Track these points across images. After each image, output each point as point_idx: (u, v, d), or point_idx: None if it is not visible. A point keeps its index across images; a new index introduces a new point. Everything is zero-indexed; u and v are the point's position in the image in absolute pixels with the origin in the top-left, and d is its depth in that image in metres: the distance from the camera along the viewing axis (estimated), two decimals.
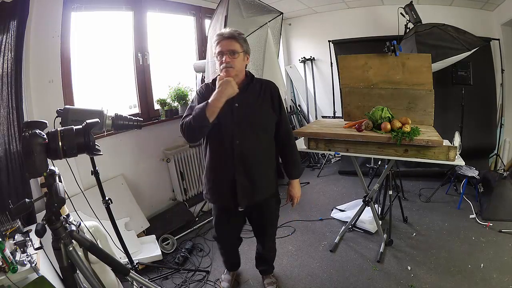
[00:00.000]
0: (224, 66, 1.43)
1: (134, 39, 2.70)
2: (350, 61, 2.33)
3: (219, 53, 1.45)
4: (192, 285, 2.08)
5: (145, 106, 2.82)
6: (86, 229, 1.42)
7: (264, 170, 1.61)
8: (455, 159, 1.75)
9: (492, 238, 2.34)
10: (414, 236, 2.48)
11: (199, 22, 3.33)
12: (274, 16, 2.86)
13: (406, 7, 3.13)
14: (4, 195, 1.73)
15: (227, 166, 1.52)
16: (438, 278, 1.97)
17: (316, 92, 4.53)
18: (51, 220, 1.03)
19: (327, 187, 3.58)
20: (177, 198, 3.03)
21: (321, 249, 2.41)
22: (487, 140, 3.43)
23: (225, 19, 2.30)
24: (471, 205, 2.81)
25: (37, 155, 0.96)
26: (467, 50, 2.82)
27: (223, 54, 1.44)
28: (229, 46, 1.43)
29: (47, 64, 2.05)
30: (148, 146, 2.75)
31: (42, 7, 1.95)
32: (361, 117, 2.16)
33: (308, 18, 4.41)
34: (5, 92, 1.77)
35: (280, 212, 1.93)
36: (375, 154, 1.93)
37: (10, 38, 1.78)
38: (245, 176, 1.53)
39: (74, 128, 1.04)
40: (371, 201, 2.34)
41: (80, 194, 1.59)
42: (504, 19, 3.19)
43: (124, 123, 1.59)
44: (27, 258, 1.29)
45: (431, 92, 2.12)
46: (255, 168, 1.54)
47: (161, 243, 2.44)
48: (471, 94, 3.15)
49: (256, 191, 1.58)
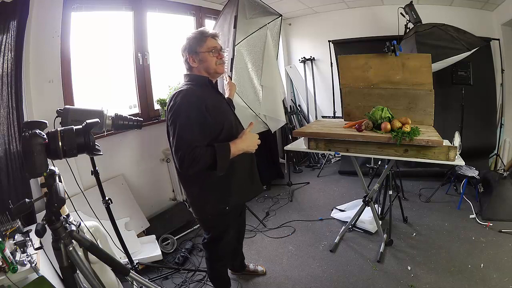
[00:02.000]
0: (220, 62, 1.47)
1: (134, 39, 2.70)
2: (350, 61, 2.33)
3: (215, 48, 1.45)
4: (192, 285, 2.08)
5: (145, 106, 2.82)
6: (86, 229, 1.42)
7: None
8: (455, 159, 1.75)
9: (492, 238, 2.33)
10: (414, 236, 2.48)
11: (199, 22, 3.33)
12: (273, 18, 2.87)
13: (406, 7, 3.13)
14: (4, 195, 1.73)
15: (246, 163, 1.57)
16: (438, 278, 1.97)
17: (316, 92, 4.53)
18: (51, 220, 1.03)
19: (327, 187, 3.58)
20: (177, 198, 3.03)
21: (321, 249, 2.41)
22: (487, 140, 3.43)
23: (235, 19, 2.30)
24: (471, 205, 2.81)
25: (37, 155, 0.96)
26: (467, 50, 2.82)
27: (219, 50, 1.47)
28: (220, 44, 1.49)
29: (47, 64, 2.04)
30: (148, 146, 2.75)
31: (42, 7, 1.95)
32: (361, 117, 2.16)
33: (308, 18, 4.41)
34: (5, 92, 1.77)
35: (280, 212, 1.93)
36: (375, 154, 1.93)
37: (10, 38, 1.78)
38: (253, 163, 1.63)
39: (74, 128, 1.04)
40: (371, 201, 2.34)
41: (80, 194, 1.59)
42: (504, 19, 3.19)
43: (124, 123, 1.60)
44: (27, 258, 1.29)
45: (431, 92, 2.12)
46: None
47: (161, 243, 2.44)
48: (471, 94, 3.15)
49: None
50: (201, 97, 1.36)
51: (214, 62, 1.45)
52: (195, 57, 1.45)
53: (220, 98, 1.55)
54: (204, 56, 1.44)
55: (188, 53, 1.45)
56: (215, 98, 1.48)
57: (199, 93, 1.39)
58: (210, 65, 1.45)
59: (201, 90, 1.41)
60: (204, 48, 1.43)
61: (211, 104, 1.37)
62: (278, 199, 3.27)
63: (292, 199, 3.27)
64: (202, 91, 1.41)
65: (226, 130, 1.42)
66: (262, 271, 2.15)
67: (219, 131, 1.40)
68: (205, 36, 1.45)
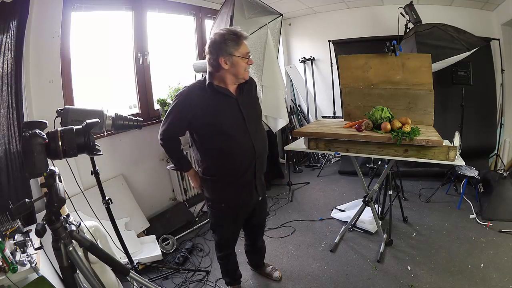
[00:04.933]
0: (248, 68, 1.46)
1: (134, 39, 2.70)
2: (350, 61, 2.33)
3: (248, 54, 1.43)
4: (192, 285, 2.08)
5: (145, 106, 2.82)
6: (86, 229, 1.42)
7: (265, 159, 1.68)
8: (455, 159, 1.75)
9: (492, 238, 2.33)
10: (414, 236, 2.48)
11: (199, 22, 3.33)
12: (273, 18, 2.86)
13: (406, 7, 3.13)
14: (4, 195, 1.73)
15: (249, 165, 1.55)
16: (438, 278, 1.97)
17: (316, 92, 4.52)
18: (51, 220, 1.03)
19: (327, 187, 3.58)
20: (177, 198, 3.03)
21: (321, 249, 2.41)
22: (487, 140, 3.43)
23: (231, 19, 2.30)
24: (471, 205, 2.80)
25: (37, 155, 0.96)
26: (467, 50, 2.82)
27: (249, 55, 1.44)
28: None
29: (47, 64, 2.04)
30: (148, 146, 2.75)
31: (42, 7, 1.95)
32: (361, 117, 2.16)
33: (308, 18, 4.41)
34: (5, 92, 1.77)
35: (280, 212, 1.94)
36: (375, 154, 1.93)
37: (10, 38, 1.78)
38: (260, 169, 1.61)
39: (74, 128, 1.04)
40: (371, 201, 2.34)
41: (80, 194, 1.59)
42: (504, 19, 3.19)
43: (124, 123, 1.59)
44: (27, 258, 1.29)
45: (431, 92, 2.12)
46: (263, 158, 1.63)
47: (161, 243, 2.44)
48: (471, 94, 3.15)
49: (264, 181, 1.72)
50: (193, 98, 1.46)
51: (244, 67, 1.44)
52: (227, 59, 1.39)
53: (222, 101, 1.48)
54: (237, 61, 1.40)
55: (222, 54, 1.39)
56: (214, 100, 1.46)
57: (198, 93, 1.46)
58: (240, 70, 1.43)
59: (202, 92, 1.47)
60: (239, 52, 1.40)
61: (205, 106, 1.44)
62: (278, 199, 3.27)
63: (292, 199, 3.27)
64: (203, 93, 1.46)
65: (220, 130, 1.46)
66: (276, 277, 2.06)
67: (212, 129, 1.46)
68: (241, 40, 1.40)
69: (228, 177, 1.56)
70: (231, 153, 1.50)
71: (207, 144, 1.51)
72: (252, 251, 2.08)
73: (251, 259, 2.13)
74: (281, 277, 2.09)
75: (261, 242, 2.06)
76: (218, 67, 1.42)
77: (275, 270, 2.11)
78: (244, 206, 1.69)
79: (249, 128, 1.51)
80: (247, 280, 2.10)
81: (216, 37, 1.40)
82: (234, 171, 1.54)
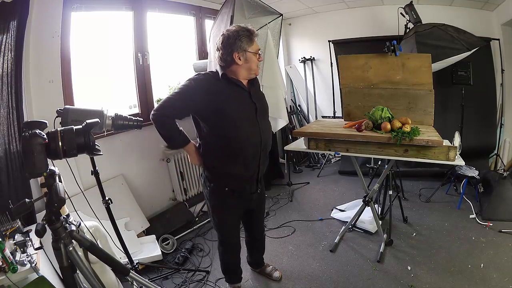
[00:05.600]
0: (259, 64, 1.53)
1: (134, 39, 2.70)
2: (350, 61, 2.33)
3: (258, 50, 1.50)
4: (192, 285, 2.08)
5: (145, 106, 2.82)
6: (86, 229, 1.42)
7: (267, 154, 1.71)
8: (455, 159, 1.75)
9: (492, 238, 2.33)
10: (414, 236, 2.48)
11: (199, 22, 3.33)
12: (274, 18, 2.86)
13: (406, 7, 3.13)
14: (4, 195, 1.73)
15: (255, 155, 1.57)
16: (438, 278, 1.97)
17: (316, 92, 4.52)
18: (51, 220, 1.03)
19: (327, 187, 3.58)
20: (177, 198, 3.03)
21: (321, 249, 2.41)
22: (487, 140, 3.43)
23: (231, 19, 2.30)
24: (471, 205, 2.80)
25: (37, 155, 0.96)
26: (467, 50, 2.82)
27: (260, 52, 1.52)
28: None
29: (47, 64, 2.04)
30: (148, 146, 2.75)
31: (42, 7, 1.95)
32: (361, 117, 2.16)
33: (308, 18, 4.41)
34: (5, 92, 1.77)
35: (280, 212, 1.93)
36: (375, 154, 1.93)
37: (10, 38, 1.78)
38: (263, 161, 1.64)
39: (74, 128, 1.04)
40: (371, 201, 2.34)
41: (80, 194, 1.59)
42: (504, 19, 3.19)
43: (124, 123, 1.60)
44: (27, 258, 1.29)
45: (431, 92, 2.12)
46: (267, 152, 1.67)
47: (161, 243, 2.44)
48: (471, 94, 3.15)
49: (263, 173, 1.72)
50: (211, 85, 1.48)
51: (256, 63, 1.51)
52: (241, 55, 1.46)
53: (236, 92, 1.52)
54: (250, 57, 1.48)
55: (236, 49, 1.45)
56: (228, 89, 1.50)
57: (214, 82, 1.49)
58: (253, 65, 1.51)
59: (217, 81, 1.49)
60: (252, 48, 1.48)
61: (219, 93, 1.47)
62: (278, 199, 3.27)
63: (292, 199, 3.27)
64: (218, 82, 1.49)
65: (231, 118, 1.48)
66: (276, 277, 2.07)
67: (223, 115, 1.47)
68: (253, 37, 1.48)
69: (234, 166, 1.56)
70: (240, 141, 1.51)
71: (216, 131, 1.52)
72: (253, 247, 2.07)
73: (251, 255, 2.12)
74: (281, 277, 2.09)
75: (261, 235, 2.05)
76: (231, 62, 1.48)
77: (275, 270, 2.12)
78: (246, 194, 1.68)
79: (259, 120, 1.56)
80: (247, 280, 2.10)
81: (229, 33, 1.46)
82: (242, 159, 1.55)
